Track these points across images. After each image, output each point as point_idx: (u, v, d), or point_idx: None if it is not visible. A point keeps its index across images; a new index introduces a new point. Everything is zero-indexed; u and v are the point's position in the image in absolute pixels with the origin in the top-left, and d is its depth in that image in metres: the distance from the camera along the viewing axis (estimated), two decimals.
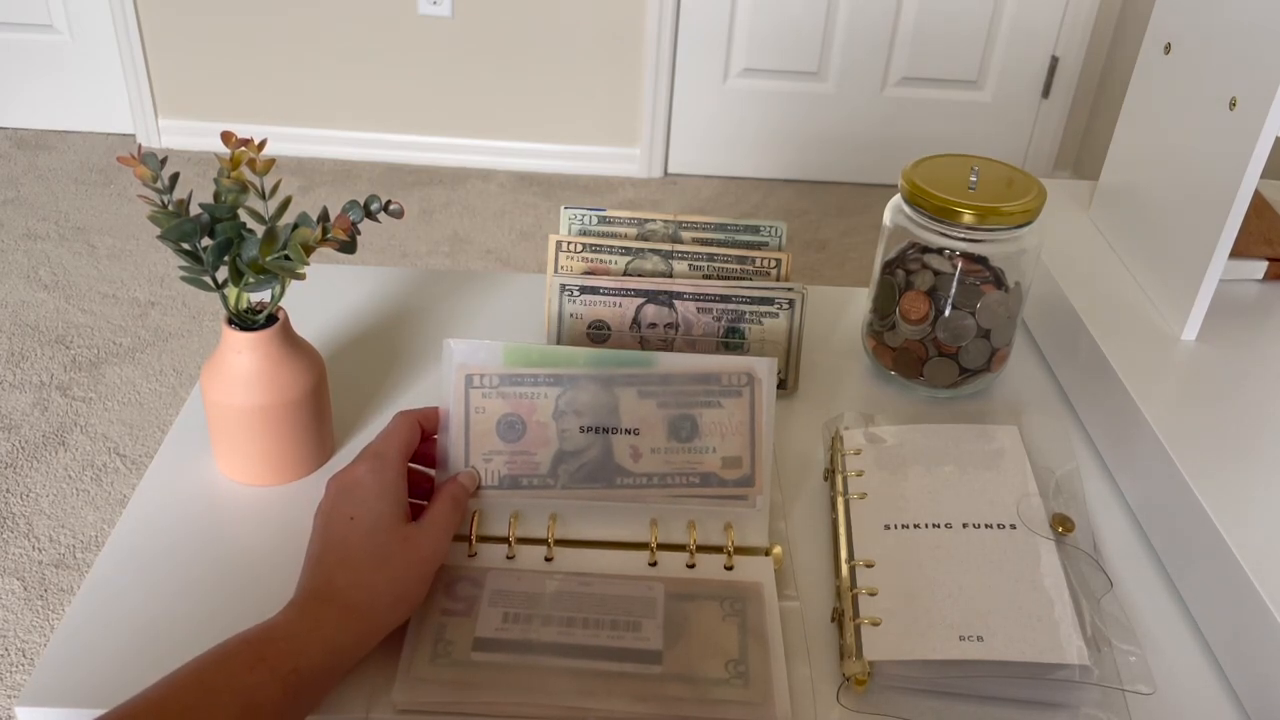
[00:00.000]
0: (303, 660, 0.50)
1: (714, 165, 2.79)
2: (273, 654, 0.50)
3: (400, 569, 0.55)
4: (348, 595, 0.54)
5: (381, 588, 0.55)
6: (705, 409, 0.64)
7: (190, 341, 2.03)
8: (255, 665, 0.49)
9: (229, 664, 0.49)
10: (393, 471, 0.59)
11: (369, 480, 0.58)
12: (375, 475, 0.58)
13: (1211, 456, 0.66)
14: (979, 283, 0.75)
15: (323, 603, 0.53)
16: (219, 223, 0.62)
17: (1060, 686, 0.57)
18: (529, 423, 0.64)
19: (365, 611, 0.54)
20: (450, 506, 0.60)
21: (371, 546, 0.55)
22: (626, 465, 0.64)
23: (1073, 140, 2.79)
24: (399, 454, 0.60)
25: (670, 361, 0.64)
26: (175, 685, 0.47)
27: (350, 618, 0.53)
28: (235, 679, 0.48)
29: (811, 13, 2.58)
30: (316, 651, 0.51)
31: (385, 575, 0.55)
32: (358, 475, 0.58)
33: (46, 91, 2.71)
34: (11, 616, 1.47)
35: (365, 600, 0.54)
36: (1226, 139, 0.72)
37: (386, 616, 0.55)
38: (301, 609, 0.53)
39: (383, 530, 0.56)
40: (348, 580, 0.54)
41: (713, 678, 0.56)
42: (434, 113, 2.70)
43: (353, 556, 0.55)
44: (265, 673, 0.49)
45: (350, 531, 0.56)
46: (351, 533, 0.56)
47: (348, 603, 0.53)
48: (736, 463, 0.64)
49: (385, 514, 0.57)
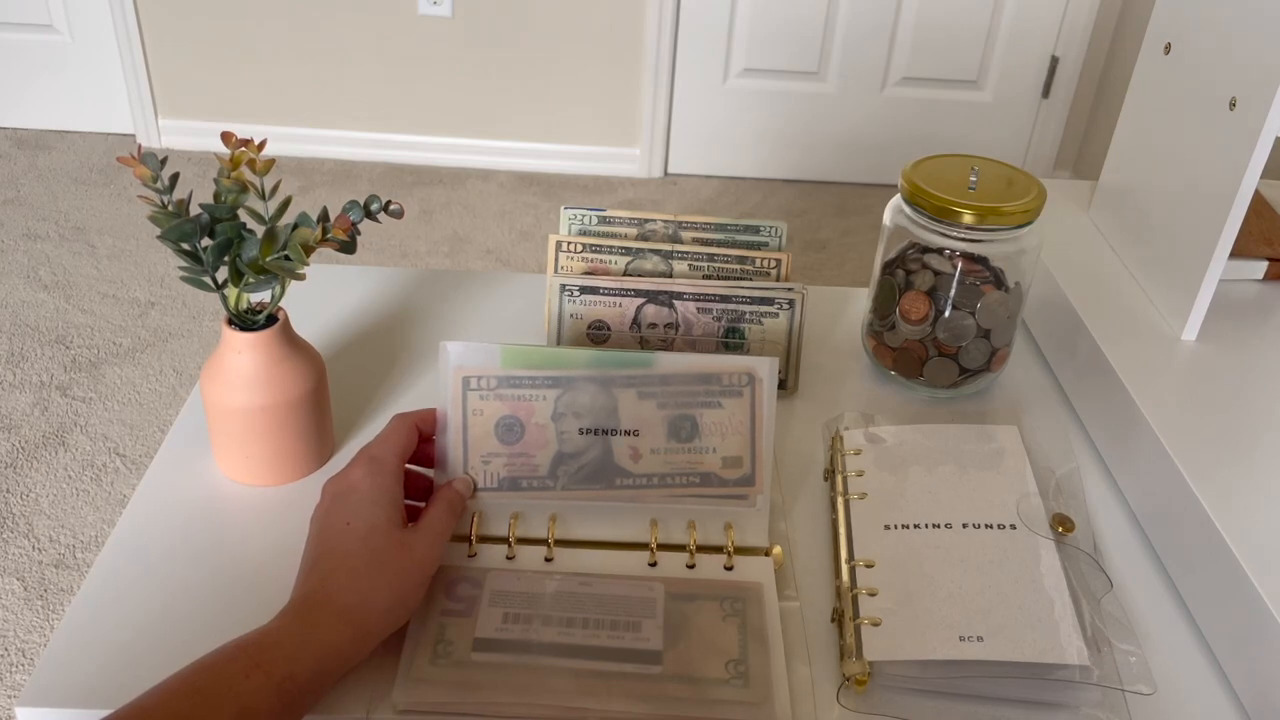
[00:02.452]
0: (297, 666, 0.50)
1: (714, 165, 2.79)
2: (267, 660, 0.49)
3: (396, 575, 0.55)
4: (342, 601, 0.53)
5: (377, 594, 0.54)
6: (705, 409, 0.64)
7: (190, 341, 2.03)
8: (250, 672, 0.49)
9: (224, 670, 0.48)
10: (389, 476, 0.58)
11: (365, 485, 0.57)
12: (371, 480, 0.58)
13: (1211, 456, 0.66)
14: (979, 283, 0.75)
15: (317, 609, 0.53)
16: (219, 223, 0.62)
17: (1060, 687, 0.57)
18: (527, 425, 0.63)
19: (360, 617, 0.53)
20: (446, 511, 0.60)
21: (367, 552, 0.55)
22: (626, 466, 0.64)
23: (1073, 140, 2.79)
24: (395, 458, 0.60)
25: (670, 361, 0.64)
26: (169, 691, 0.47)
27: (345, 624, 0.53)
28: (230, 685, 0.48)
29: (811, 13, 2.58)
30: (311, 658, 0.51)
31: (381, 581, 0.55)
32: (354, 480, 0.58)
33: (46, 91, 2.71)
34: (11, 616, 1.47)
35: (360, 606, 0.54)
36: (1226, 139, 0.72)
37: (382, 622, 0.55)
38: (296, 615, 0.53)
39: (379, 536, 0.56)
40: (343, 586, 0.54)
41: (713, 678, 0.56)
42: (434, 113, 2.70)
43: (348, 562, 0.55)
44: (260, 679, 0.48)
45: (346, 537, 0.56)
46: (347, 538, 0.55)
47: (342, 608, 0.53)
48: (737, 462, 0.64)
49: (381, 519, 0.56)
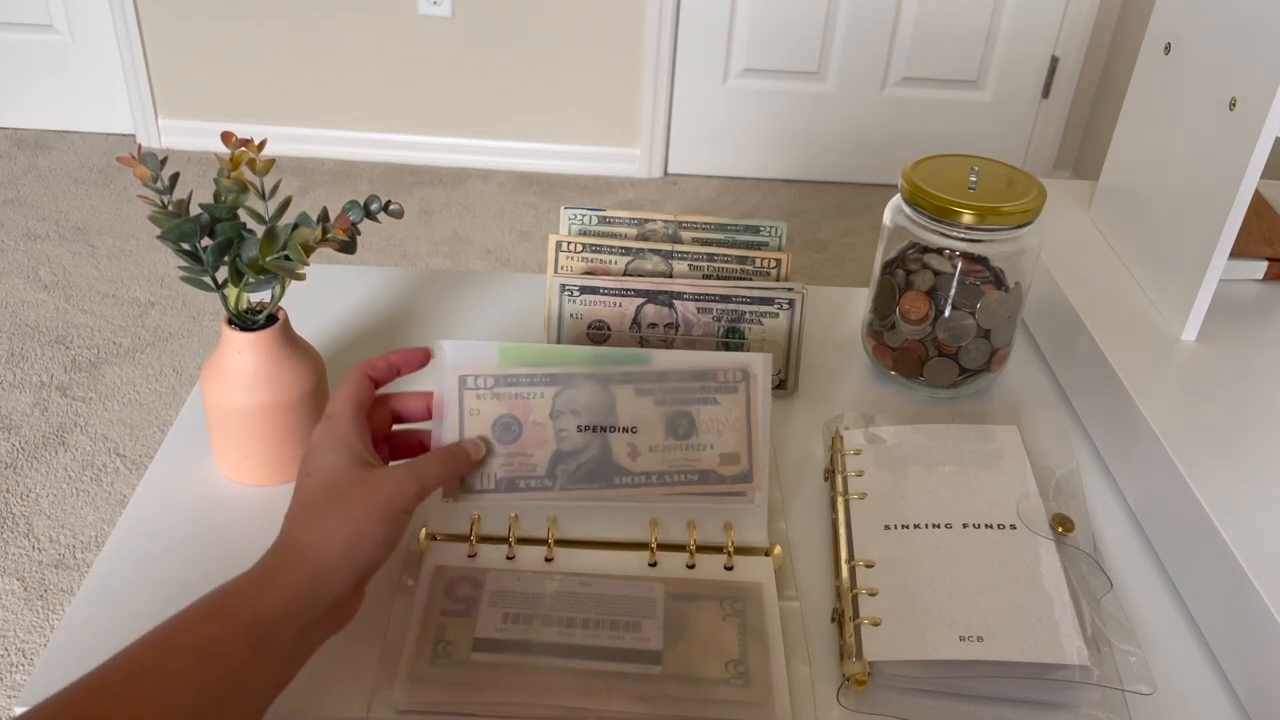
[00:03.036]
0: (261, 606, 0.50)
1: (714, 165, 2.79)
2: (229, 605, 0.49)
3: (357, 510, 0.55)
4: (301, 539, 0.54)
5: (335, 529, 0.54)
6: (702, 406, 0.64)
7: (190, 341, 2.03)
8: (211, 617, 0.49)
9: (183, 621, 0.49)
10: (344, 425, 0.59)
11: (322, 439, 0.58)
12: (327, 433, 0.58)
13: (1211, 456, 0.66)
14: (979, 283, 0.75)
15: (276, 553, 0.53)
16: (219, 223, 0.62)
17: (1060, 687, 0.57)
18: (525, 423, 0.63)
19: (315, 556, 0.53)
20: (439, 461, 0.60)
21: (327, 493, 0.55)
22: (625, 464, 0.64)
23: (1073, 140, 2.79)
24: (348, 408, 0.60)
25: (666, 358, 0.64)
26: (133, 650, 0.47)
27: (302, 561, 0.53)
28: (191, 632, 0.48)
29: (811, 13, 2.58)
30: (273, 597, 0.50)
31: (339, 517, 0.54)
32: (314, 439, 0.59)
33: (46, 91, 2.71)
34: (11, 616, 1.47)
35: (315, 545, 0.53)
36: (1226, 139, 0.72)
37: (343, 557, 0.53)
38: (261, 563, 0.53)
39: (339, 478, 0.56)
40: (304, 526, 0.54)
41: (713, 678, 0.56)
42: (434, 113, 2.70)
43: (311, 505, 0.55)
44: (221, 623, 0.48)
45: (309, 485, 0.56)
46: (310, 487, 0.56)
47: (301, 545, 0.53)
48: (734, 459, 0.64)
49: (340, 463, 0.57)
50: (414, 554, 0.64)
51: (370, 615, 0.60)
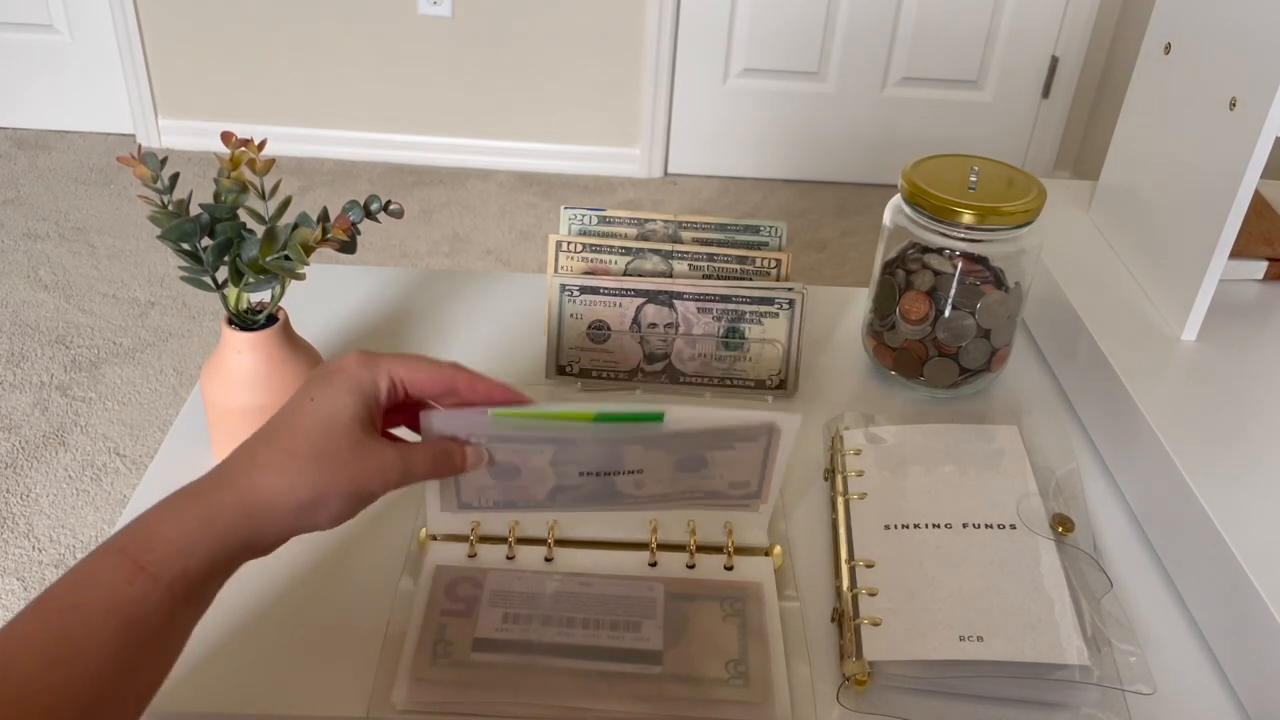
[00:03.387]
0: (190, 562, 0.45)
1: (714, 165, 2.79)
2: (153, 562, 0.44)
3: (333, 472, 0.49)
4: (254, 481, 0.48)
5: (299, 484, 0.48)
6: (718, 451, 0.59)
7: (190, 341, 2.03)
8: (134, 577, 0.44)
9: (103, 579, 0.44)
10: (381, 378, 0.52)
11: (352, 370, 0.52)
12: (361, 368, 0.52)
13: (1211, 456, 0.66)
14: (979, 283, 0.75)
15: (223, 488, 0.48)
16: (219, 223, 0.62)
17: (1060, 687, 0.57)
18: (524, 469, 0.59)
19: (266, 510, 0.48)
20: (431, 457, 0.54)
21: (315, 437, 0.49)
22: (629, 492, 0.61)
23: (1073, 140, 2.79)
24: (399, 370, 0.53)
25: (682, 418, 0.56)
26: (43, 610, 0.43)
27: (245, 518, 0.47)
28: (110, 595, 0.43)
29: (811, 13, 2.58)
30: (204, 552, 0.45)
31: (312, 473, 0.48)
32: (344, 363, 0.52)
33: (46, 91, 2.71)
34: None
35: (274, 499, 0.48)
36: (1226, 139, 0.72)
37: (291, 519, 0.48)
38: (195, 498, 0.47)
39: (339, 425, 0.50)
40: (267, 462, 0.48)
41: (713, 678, 0.56)
42: (434, 113, 2.70)
43: (291, 441, 0.49)
44: (145, 584, 0.44)
45: (303, 414, 0.50)
46: (304, 416, 0.50)
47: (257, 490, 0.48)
48: (744, 485, 0.62)
49: (348, 409, 0.50)
50: (414, 554, 0.64)
51: (370, 615, 0.60)
